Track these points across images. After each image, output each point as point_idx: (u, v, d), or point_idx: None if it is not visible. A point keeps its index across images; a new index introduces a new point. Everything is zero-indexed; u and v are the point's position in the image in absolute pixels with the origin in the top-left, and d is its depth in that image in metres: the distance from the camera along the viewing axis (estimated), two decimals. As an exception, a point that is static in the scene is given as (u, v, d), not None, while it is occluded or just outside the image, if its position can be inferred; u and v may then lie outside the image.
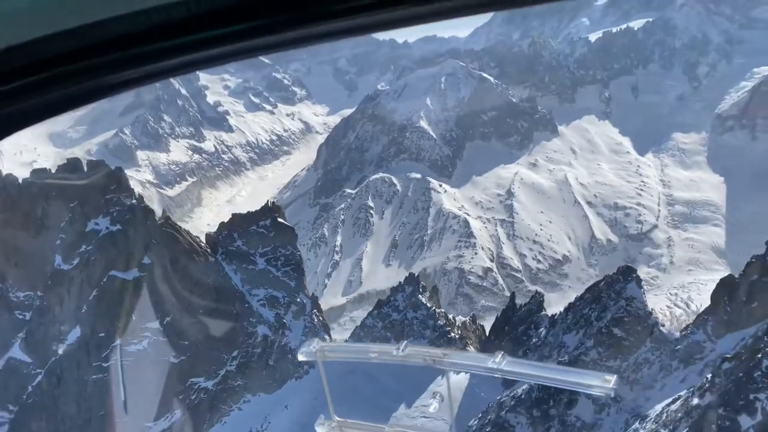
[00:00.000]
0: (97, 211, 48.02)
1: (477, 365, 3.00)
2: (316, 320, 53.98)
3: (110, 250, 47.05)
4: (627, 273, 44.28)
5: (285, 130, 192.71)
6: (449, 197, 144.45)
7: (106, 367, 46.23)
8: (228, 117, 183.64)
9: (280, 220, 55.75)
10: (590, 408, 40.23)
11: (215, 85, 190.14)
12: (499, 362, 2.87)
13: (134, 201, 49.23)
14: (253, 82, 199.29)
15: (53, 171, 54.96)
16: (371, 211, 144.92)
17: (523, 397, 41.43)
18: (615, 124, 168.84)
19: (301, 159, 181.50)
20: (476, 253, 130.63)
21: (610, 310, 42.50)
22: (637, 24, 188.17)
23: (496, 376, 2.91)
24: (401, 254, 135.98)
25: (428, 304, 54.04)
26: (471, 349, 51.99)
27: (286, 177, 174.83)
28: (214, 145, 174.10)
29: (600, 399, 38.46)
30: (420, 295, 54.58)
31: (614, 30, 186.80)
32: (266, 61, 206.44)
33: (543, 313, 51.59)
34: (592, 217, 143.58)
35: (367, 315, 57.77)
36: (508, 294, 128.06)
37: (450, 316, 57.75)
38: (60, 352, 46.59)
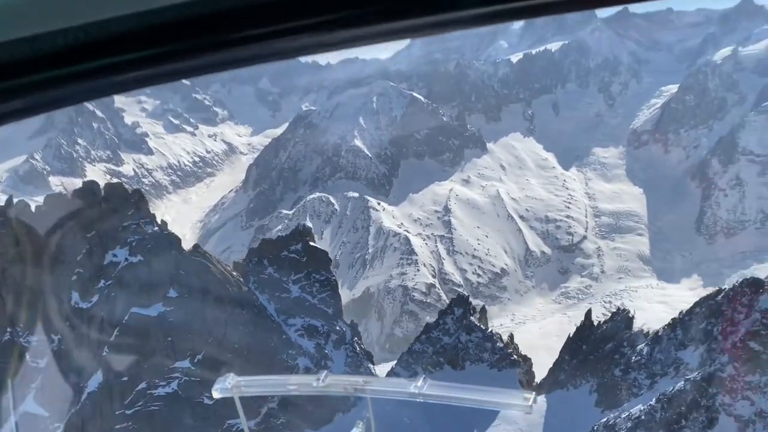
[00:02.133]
0: (115, 241, 45.78)
1: (399, 390, 3.12)
2: (358, 348, 52.65)
3: (131, 284, 44.49)
4: (755, 285, 42.32)
5: (208, 152, 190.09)
6: (388, 215, 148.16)
7: (130, 415, 43.33)
8: (147, 139, 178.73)
9: (311, 243, 54.73)
10: (732, 426, 38.99)
11: (132, 107, 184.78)
12: (421, 386, 2.98)
13: (156, 228, 47.36)
14: (172, 103, 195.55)
15: (69, 196, 52.01)
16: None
17: (642, 417, 39.40)
18: (539, 141, 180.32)
19: (227, 181, 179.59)
20: (418, 270, 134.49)
21: (742, 323, 40.63)
22: (553, 46, 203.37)
23: (419, 400, 3.05)
24: (343, 274, 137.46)
25: (482, 326, 53.46)
26: (534, 371, 51.64)
27: (212, 199, 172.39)
28: (133, 169, 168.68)
29: (742, 416, 37.91)
30: (472, 317, 53.68)
31: (533, 52, 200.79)
32: (185, 82, 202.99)
33: (637, 330, 50.74)
34: (525, 231, 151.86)
35: (415, 340, 55.68)
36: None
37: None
38: (81, 401, 43.22)
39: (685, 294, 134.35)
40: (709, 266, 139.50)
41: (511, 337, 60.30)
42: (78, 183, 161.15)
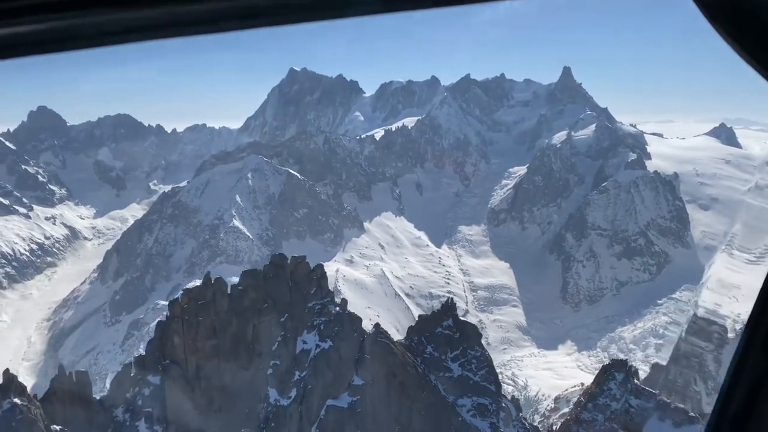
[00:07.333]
0: (302, 325, 45.48)
1: None
2: (527, 424, 55.74)
3: (325, 374, 44.63)
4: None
5: (47, 238, 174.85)
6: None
7: None
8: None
9: (461, 318, 57.31)
10: None
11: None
12: None
13: (338, 308, 47.78)
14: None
15: (262, 270, 49.16)
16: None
17: None
18: (410, 220, 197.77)
19: (72, 271, 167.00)
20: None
21: None
22: (409, 122, 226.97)
23: None
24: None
25: (647, 388, 58.09)
26: None
27: (58, 293, 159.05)
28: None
29: None
30: (635, 380, 57.59)
31: (393, 128, 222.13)
32: (10, 146, 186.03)
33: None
34: (412, 308, 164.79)
35: (581, 409, 58.52)
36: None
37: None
38: None
39: (565, 359, 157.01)
40: (579, 332, 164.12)
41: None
42: None
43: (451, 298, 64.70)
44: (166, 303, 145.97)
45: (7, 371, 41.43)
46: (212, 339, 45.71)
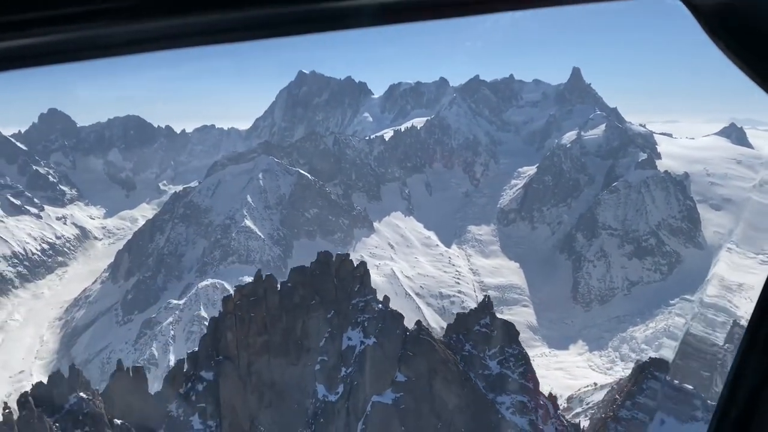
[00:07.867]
0: (347, 321, 46.61)
1: None
2: (565, 422, 56.42)
3: (370, 370, 45.73)
4: None
5: (57, 237, 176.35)
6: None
7: None
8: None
9: (498, 315, 58.39)
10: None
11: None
12: None
13: (380, 305, 48.92)
14: (9, 176, 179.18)
15: (309, 268, 50.39)
16: (206, 323, 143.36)
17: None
18: (419, 220, 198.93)
19: (83, 270, 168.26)
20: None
21: None
22: (418, 123, 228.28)
23: None
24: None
25: (687, 386, 59.43)
26: None
27: (70, 293, 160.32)
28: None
29: None
30: (675, 380, 59.33)
31: (402, 129, 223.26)
32: (22, 147, 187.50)
33: None
34: (423, 308, 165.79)
35: (619, 407, 59.57)
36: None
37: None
38: None
39: (576, 359, 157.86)
40: (590, 331, 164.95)
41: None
42: None
43: (488, 296, 65.46)
44: (180, 302, 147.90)
45: (72, 366, 42.61)
46: (263, 335, 46.88)
